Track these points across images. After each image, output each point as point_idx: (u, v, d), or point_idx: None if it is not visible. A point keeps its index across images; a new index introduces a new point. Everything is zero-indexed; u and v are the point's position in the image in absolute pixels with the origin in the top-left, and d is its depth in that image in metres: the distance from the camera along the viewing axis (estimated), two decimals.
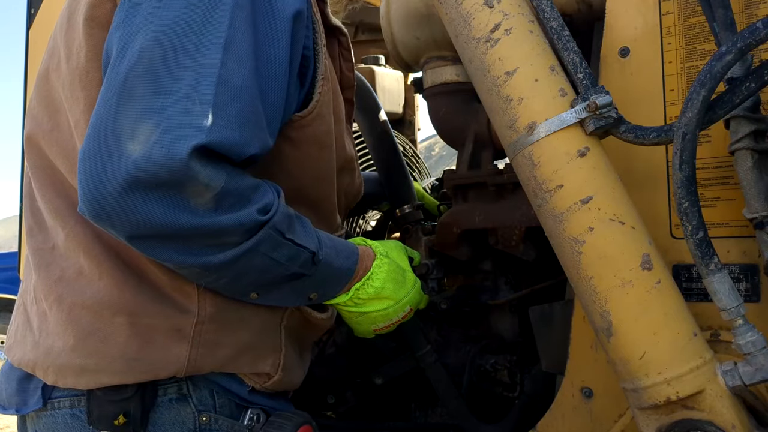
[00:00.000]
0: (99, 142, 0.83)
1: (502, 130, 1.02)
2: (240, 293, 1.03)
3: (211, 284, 0.99)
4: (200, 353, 1.01)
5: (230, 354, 1.04)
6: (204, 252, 0.91)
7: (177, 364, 0.99)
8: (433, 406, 1.75)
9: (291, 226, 0.99)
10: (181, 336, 1.00)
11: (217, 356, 1.03)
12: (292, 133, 1.07)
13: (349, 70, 1.28)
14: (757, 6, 1.03)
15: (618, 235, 0.94)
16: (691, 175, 0.90)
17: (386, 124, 1.78)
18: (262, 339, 1.09)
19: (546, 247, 1.08)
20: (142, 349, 0.98)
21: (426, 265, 1.66)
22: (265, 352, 1.09)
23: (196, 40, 0.88)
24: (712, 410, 0.91)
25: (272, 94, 0.96)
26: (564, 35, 0.98)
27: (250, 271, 0.98)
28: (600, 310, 0.95)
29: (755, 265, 1.04)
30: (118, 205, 0.82)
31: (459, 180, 1.58)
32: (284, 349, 1.11)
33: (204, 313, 1.01)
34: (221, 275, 0.96)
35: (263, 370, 1.09)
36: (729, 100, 0.92)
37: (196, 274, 0.96)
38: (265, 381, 1.09)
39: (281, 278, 1.03)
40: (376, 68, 2.32)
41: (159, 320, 0.99)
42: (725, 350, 1.01)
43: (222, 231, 0.90)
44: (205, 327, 1.01)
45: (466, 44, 1.02)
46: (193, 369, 1.00)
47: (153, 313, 0.99)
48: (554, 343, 1.27)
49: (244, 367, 1.07)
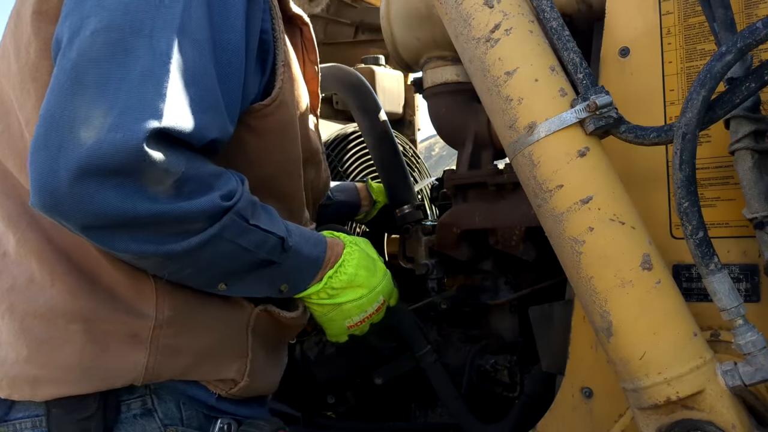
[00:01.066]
0: (50, 130, 0.80)
1: (502, 130, 1.02)
2: (207, 284, 1.00)
3: (175, 275, 0.95)
4: (158, 360, 0.97)
5: (191, 360, 1.00)
6: (166, 240, 0.88)
7: (134, 372, 0.96)
8: (433, 406, 1.75)
9: (255, 212, 0.97)
10: (137, 342, 0.96)
11: (176, 363, 0.99)
12: (254, 122, 1.04)
13: (312, 62, 1.25)
14: (757, 6, 1.03)
15: (618, 235, 0.94)
16: (691, 175, 0.90)
17: (386, 124, 1.78)
18: (225, 344, 1.05)
19: (546, 247, 1.08)
20: (98, 357, 0.94)
21: (426, 265, 1.66)
22: (229, 357, 1.05)
23: (151, 23, 0.84)
24: (712, 410, 0.91)
25: (230, 79, 0.94)
26: (564, 35, 0.98)
27: (217, 259, 0.95)
28: (600, 310, 0.95)
29: (755, 265, 1.04)
30: (72, 195, 0.79)
31: (459, 180, 1.58)
32: (251, 353, 1.07)
33: (162, 316, 0.97)
34: (185, 264, 0.93)
35: (228, 377, 1.05)
36: (729, 100, 0.92)
37: (158, 264, 0.92)
38: (231, 387, 1.05)
39: (249, 266, 1.00)
40: (376, 68, 2.33)
41: (115, 326, 0.95)
42: (725, 350, 1.01)
43: (183, 217, 0.87)
44: (164, 331, 0.97)
45: (466, 44, 1.02)
46: (151, 376, 0.97)
47: (109, 318, 0.95)
48: (554, 343, 1.27)
49: (207, 374, 1.03)
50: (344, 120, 2.31)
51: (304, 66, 1.24)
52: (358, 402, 1.75)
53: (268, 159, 1.09)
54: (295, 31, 1.20)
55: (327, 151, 2.06)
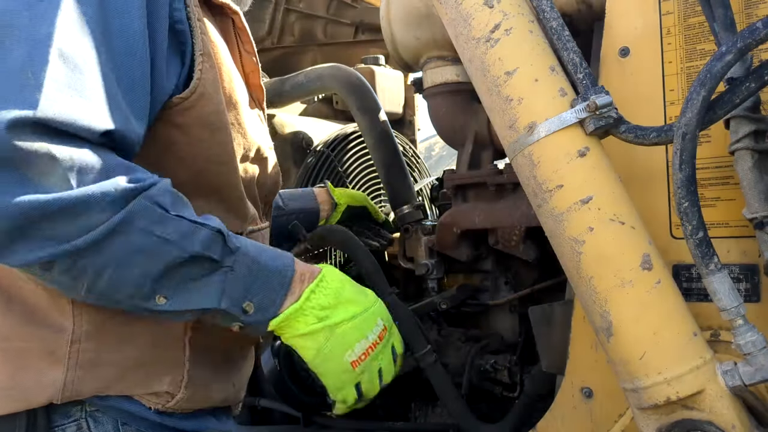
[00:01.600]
0: None
1: (502, 130, 1.02)
2: (140, 297, 0.86)
3: (94, 290, 0.84)
4: (78, 376, 0.91)
5: (114, 374, 0.93)
6: (65, 236, 0.78)
7: (51, 388, 0.90)
8: (433, 406, 1.75)
9: (178, 203, 0.88)
10: (54, 358, 0.90)
11: (98, 377, 0.92)
12: (177, 118, 0.97)
13: (249, 52, 1.15)
14: (757, 6, 1.03)
15: (618, 235, 0.94)
16: (691, 175, 0.90)
17: (386, 124, 1.78)
18: (155, 354, 0.97)
19: (546, 247, 1.08)
20: (15, 376, 0.89)
21: (426, 265, 1.66)
22: (160, 368, 0.98)
23: (29, 14, 0.78)
24: (712, 410, 0.91)
25: (131, 69, 0.88)
26: (564, 35, 0.98)
27: (135, 256, 0.83)
28: (600, 310, 0.95)
29: (755, 265, 1.04)
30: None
31: (459, 180, 1.58)
32: (188, 364, 0.99)
33: (80, 330, 0.91)
34: (98, 267, 0.81)
35: (160, 389, 0.97)
36: (729, 100, 0.92)
37: (68, 275, 0.81)
38: (167, 401, 0.98)
39: (184, 268, 0.87)
40: (376, 68, 2.33)
41: (32, 343, 0.90)
42: (725, 350, 1.01)
43: (79, 204, 0.77)
44: (82, 346, 0.91)
45: (466, 44, 1.02)
46: (70, 394, 0.91)
47: (24, 335, 0.90)
48: (554, 343, 1.27)
49: (134, 387, 0.95)
50: (344, 120, 2.31)
51: (241, 57, 1.15)
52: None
53: (197, 154, 1.00)
54: (225, 20, 1.11)
55: (327, 151, 2.06)
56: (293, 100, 2.06)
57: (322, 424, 1.74)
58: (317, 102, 2.41)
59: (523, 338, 1.62)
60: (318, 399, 1.72)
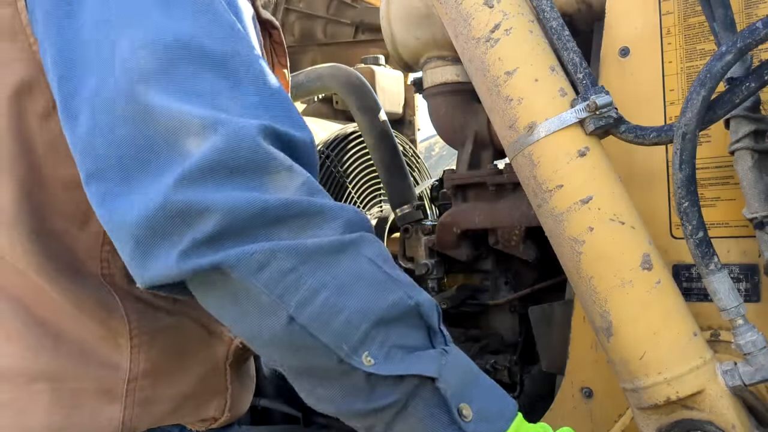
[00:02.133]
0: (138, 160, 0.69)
1: (502, 130, 1.02)
2: (349, 341, 0.71)
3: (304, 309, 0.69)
4: (135, 413, 0.91)
5: (169, 408, 0.94)
6: (292, 237, 0.70)
7: (109, 428, 0.89)
8: None
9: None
10: (111, 397, 0.89)
11: (153, 413, 0.93)
12: None
13: (282, 65, 1.17)
14: (757, 6, 1.03)
15: (618, 235, 0.94)
16: (691, 175, 0.90)
17: (386, 124, 1.78)
18: (205, 385, 0.99)
19: (546, 247, 1.08)
20: (69, 417, 0.87)
21: (426, 265, 1.66)
22: (208, 396, 1.00)
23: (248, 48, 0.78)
24: (712, 410, 0.91)
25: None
26: (564, 35, 0.98)
27: (358, 282, 0.72)
28: (600, 310, 0.95)
29: (755, 265, 1.04)
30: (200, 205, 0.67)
31: (459, 180, 1.58)
32: (230, 387, 1.02)
33: (137, 368, 0.90)
34: (317, 281, 0.70)
35: (208, 416, 1.00)
36: (729, 100, 0.92)
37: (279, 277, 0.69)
38: (210, 424, 1.01)
39: (403, 320, 0.76)
40: (376, 68, 2.33)
41: (86, 383, 0.88)
42: (725, 350, 1.01)
43: (317, 212, 0.72)
44: (139, 384, 0.91)
45: (466, 44, 1.02)
46: (128, 430, 0.90)
47: (77, 375, 0.87)
48: (554, 343, 1.27)
49: (186, 417, 0.97)
50: (344, 120, 2.31)
51: (274, 70, 1.16)
52: None
53: None
54: (264, 35, 1.13)
55: (327, 151, 2.06)
56: (293, 99, 2.06)
57: (322, 424, 1.74)
58: (317, 102, 2.41)
59: (523, 338, 1.62)
60: None
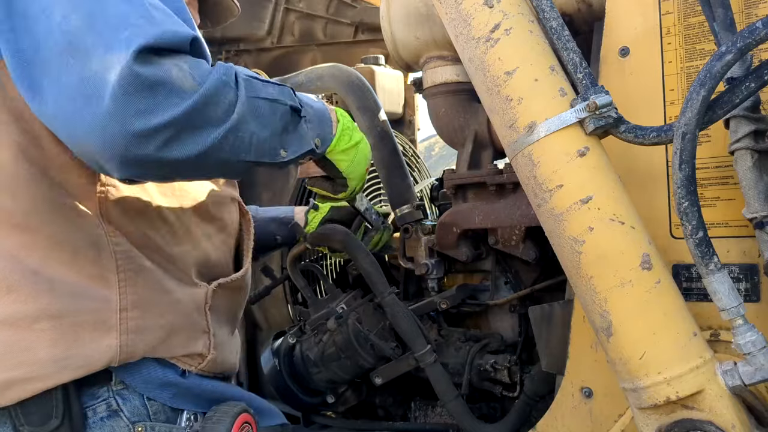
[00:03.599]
0: (81, 94, 0.85)
1: (502, 130, 1.02)
2: (272, 151, 1.06)
3: (251, 150, 1.00)
4: (130, 339, 1.01)
5: (161, 336, 1.05)
6: (222, 118, 0.94)
7: (109, 353, 0.99)
8: (433, 406, 1.75)
9: (251, 74, 1.05)
10: (107, 327, 1.00)
11: (147, 340, 1.03)
12: None
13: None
14: (757, 6, 1.03)
15: (618, 234, 0.94)
16: (690, 175, 0.90)
17: (386, 123, 1.78)
18: (190, 321, 1.11)
19: (546, 247, 1.08)
20: (72, 348, 0.97)
21: (426, 264, 1.66)
22: (195, 333, 1.11)
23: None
24: (712, 410, 0.91)
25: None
26: (564, 35, 0.98)
27: (262, 118, 1.01)
28: (600, 310, 0.95)
29: (755, 265, 1.04)
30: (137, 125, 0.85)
31: (459, 180, 1.58)
32: (212, 329, 1.13)
33: (125, 300, 1.02)
34: (249, 132, 0.98)
35: (196, 351, 1.10)
36: (729, 100, 0.92)
37: (234, 145, 0.97)
38: (199, 363, 1.11)
39: (288, 119, 1.08)
40: (376, 68, 2.32)
41: (83, 316, 0.99)
42: (725, 350, 1.01)
43: (216, 92, 0.93)
44: (130, 314, 1.02)
45: (466, 44, 1.02)
46: (126, 356, 1.01)
47: (75, 311, 0.98)
48: (554, 343, 1.27)
49: (177, 348, 1.08)
50: None
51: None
52: (358, 402, 1.75)
53: None
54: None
55: None
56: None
57: (322, 423, 1.74)
58: None
59: (523, 338, 1.62)
60: (318, 399, 1.72)
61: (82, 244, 0.99)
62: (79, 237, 0.99)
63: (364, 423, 1.73)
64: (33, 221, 0.96)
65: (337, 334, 1.56)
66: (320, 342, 1.60)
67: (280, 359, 1.65)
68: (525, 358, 1.61)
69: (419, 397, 1.78)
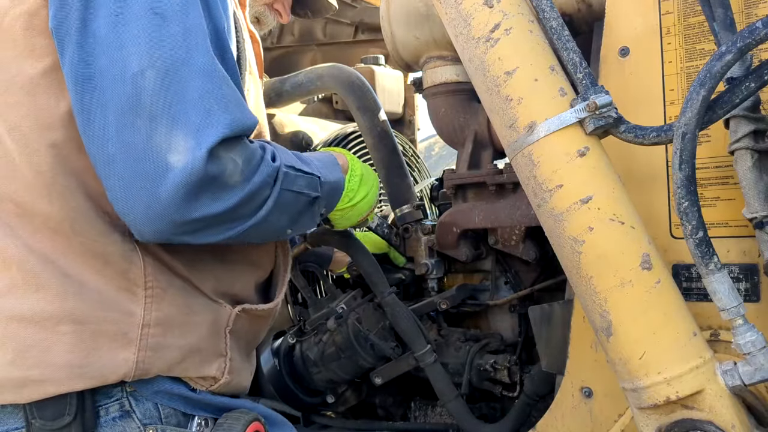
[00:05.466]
0: (138, 164, 0.90)
1: (502, 130, 1.02)
2: (279, 233, 1.14)
3: (261, 233, 1.07)
4: (147, 356, 1.01)
5: (177, 356, 1.05)
6: (252, 213, 1.01)
7: (125, 368, 0.99)
8: (433, 405, 1.75)
9: (292, 157, 1.12)
10: (127, 340, 1.00)
11: (164, 359, 1.03)
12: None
13: (261, 79, 1.34)
14: (757, 6, 1.03)
15: (618, 234, 0.94)
16: (690, 175, 0.90)
17: (386, 124, 1.78)
18: (209, 343, 1.10)
19: (546, 247, 1.08)
20: (89, 356, 0.98)
21: (426, 264, 1.66)
22: (211, 356, 1.11)
23: (185, 50, 0.94)
24: (712, 410, 0.91)
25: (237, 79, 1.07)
26: (564, 35, 0.98)
27: (285, 209, 1.08)
28: (600, 310, 0.96)
29: (755, 265, 1.04)
30: (180, 215, 0.91)
31: (459, 180, 1.58)
32: (230, 353, 1.13)
33: (149, 316, 1.02)
34: (270, 222, 1.05)
35: (209, 374, 1.10)
36: (729, 100, 0.92)
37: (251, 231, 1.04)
38: (211, 384, 1.10)
39: (305, 206, 1.13)
40: (376, 68, 2.33)
41: (105, 326, 0.99)
42: (725, 350, 1.01)
43: (258, 191, 0.99)
44: (152, 330, 1.02)
45: (466, 44, 1.02)
46: (141, 372, 1.01)
47: (98, 319, 0.99)
48: (554, 343, 1.27)
49: (191, 370, 1.07)
50: (344, 120, 2.31)
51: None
52: (358, 402, 1.75)
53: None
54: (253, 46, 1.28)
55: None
56: (293, 99, 2.06)
57: (322, 424, 1.74)
58: (317, 102, 2.41)
59: (522, 338, 1.62)
60: (318, 399, 1.72)
61: (114, 255, 1.00)
62: (111, 248, 1.00)
63: (364, 423, 1.73)
64: (67, 228, 0.98)
65: (337, 334, 1.56)
66: (320, 342, 1.60)
67: (280, 359, 1.65)
68: (525, 358, 1.61)
69: (419, 397, 1.78)
